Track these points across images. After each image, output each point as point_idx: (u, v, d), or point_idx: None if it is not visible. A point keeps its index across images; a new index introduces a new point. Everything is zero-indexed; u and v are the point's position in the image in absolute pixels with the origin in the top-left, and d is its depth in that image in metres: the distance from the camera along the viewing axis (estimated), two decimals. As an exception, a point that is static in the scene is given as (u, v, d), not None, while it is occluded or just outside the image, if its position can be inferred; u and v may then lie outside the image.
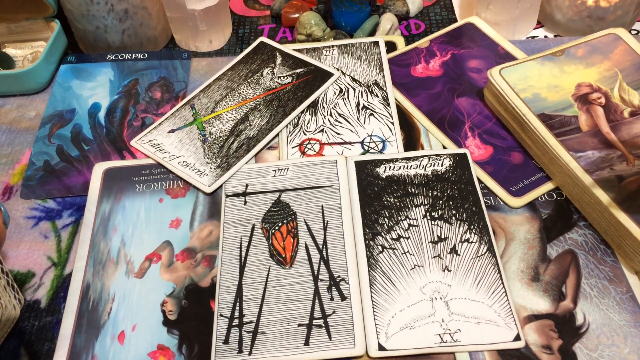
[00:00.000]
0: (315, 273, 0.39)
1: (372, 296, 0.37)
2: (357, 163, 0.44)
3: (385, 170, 0.44)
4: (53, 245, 0.42)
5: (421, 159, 0.44)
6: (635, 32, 0.56)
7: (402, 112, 0.49)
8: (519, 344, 0.35)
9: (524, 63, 0.46)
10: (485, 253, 0.39)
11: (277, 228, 0.41)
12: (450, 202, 0.41)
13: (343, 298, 0.37)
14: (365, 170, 0.44)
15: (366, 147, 0.46)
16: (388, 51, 0.53)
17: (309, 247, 0.40)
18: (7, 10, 0.54)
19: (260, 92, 0.50)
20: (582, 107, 0.43)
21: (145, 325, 0.37)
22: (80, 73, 0.54)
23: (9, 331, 0.37)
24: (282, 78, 0.51)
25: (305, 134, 0.47)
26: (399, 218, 0.41)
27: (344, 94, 0.50)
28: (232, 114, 0.48)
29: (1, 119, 0.51)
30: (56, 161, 0.47)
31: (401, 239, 0.40)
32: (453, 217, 0.41)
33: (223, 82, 0.51)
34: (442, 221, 0.40)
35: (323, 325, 0.36)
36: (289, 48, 0.54)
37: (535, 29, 0.57)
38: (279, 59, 0.52)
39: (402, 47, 0.54)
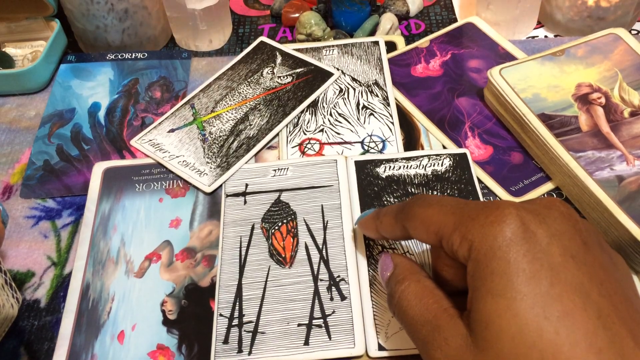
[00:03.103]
0: (315, 273, 0.39)
1: (372, 296, 0.37)
2: (357, 163, 0.44)
3: (385, 170, 0.44)
4: (53, 245, 0.42)
5: (421, 158, 0.44)
6: (636, 32, 0.56)
7: (402, 112, 0.49)
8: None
9: (524, 63, 0.46)
10: (485, 253, 0.39)
11: (276, 228, 0.41)
12: (450, 202, 0.41)
13: (343, 298, 0.37)
14: (365, 170, 0.44)
15: (366, 147, 0.46)
16: (388, 51, 0.53)
17: (308, 247, 0.40)
18: (6, 9, 0.54)
19: (260, 91, 0.50)
20: (582, 107, 0.43)
21: (144, 325, 0.37)
22: (80, 72, 0.54)
23: (7, 330, 0.37)
24: (282, 78, 0.51)
25: (305, 134, 0.47)
26: (399, 218, 0.41)
27: (344, 94, 0.50)
28: (232, 114, 0.48)
29: (1, 119, 0.51)
30: (56, 160, 0.47)
31: (401, 239, 0.40)
32: (453, 217, 0.40)
33: (223, 82, 0.51)
34: (442, 221, 0.40)
35: (323, 325, 0.36)
36: (289, 48, 0.54)
37: (535, 29, 0.57)
38: (278, 59, 0.52)
39: (402, 47, 0.54)
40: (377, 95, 0.49)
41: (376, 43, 0.53)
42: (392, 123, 0.47)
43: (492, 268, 0.24)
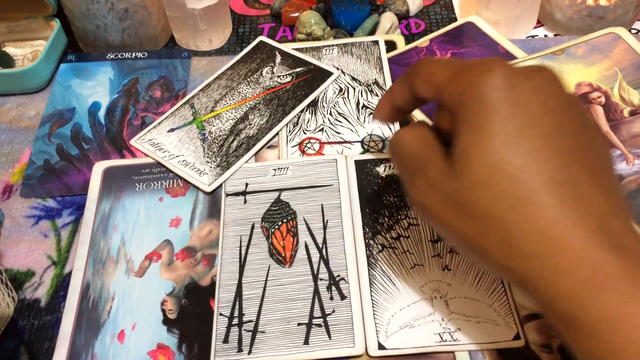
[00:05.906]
0: (315, 272, 0.39)
1: (371, 295, 0.37)
2: (357, 162, 0.44)
3: (385, 169, 0.44)
4: (53, 244, 0.42)
5: (421, 158, 0.44)
6: (635, 31, 0.56)
7: (402, 111, 0.49)
8: (519, 343, 0.35)
9: (524, 62, 0.46)
10: (485, 252, 0.39)
11: (276, 227, 0.41)
12: (450, 201, 0.41)
13: (343, 297, 0.37)
14: (365, 170, 0.44)
15: (366, 146, 0.46)
16: (388, 50, 0.53)
17: (308, 246, 0.40)
18: (6, 9, 0.54)
19: (259, 91, 0.50)
20: (582, 106, 0.43)
21: (145, 324, 0.37)
22: (80, 72, 0.54)
23: (3, 329, 0.37)
24: (281, 77, 0.51)
25: (305, 133, 0.47)
26: (399, 217, 0.41)
27: (343, 93, 0.50)
28: (231, 113, 0.48)
29: (1, 118, 0.51)
30: (56, 160, 0.47)
31: (401, 238, 0.40)
32: (453, 216, 0.41)
33: (223, 81, 0.51)
34: (442, 220, 0.40)
35: (323, 324, 0.36)
36: (288, 47, 0.54)
37: (535, 28, 0.57)
38: (278, 58, 0.52)
39: (402, 46, 0.54)
40: (377, 95, 0.49)
41: (376, 42, 0.53)
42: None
43: (474, 109, 0.27)
